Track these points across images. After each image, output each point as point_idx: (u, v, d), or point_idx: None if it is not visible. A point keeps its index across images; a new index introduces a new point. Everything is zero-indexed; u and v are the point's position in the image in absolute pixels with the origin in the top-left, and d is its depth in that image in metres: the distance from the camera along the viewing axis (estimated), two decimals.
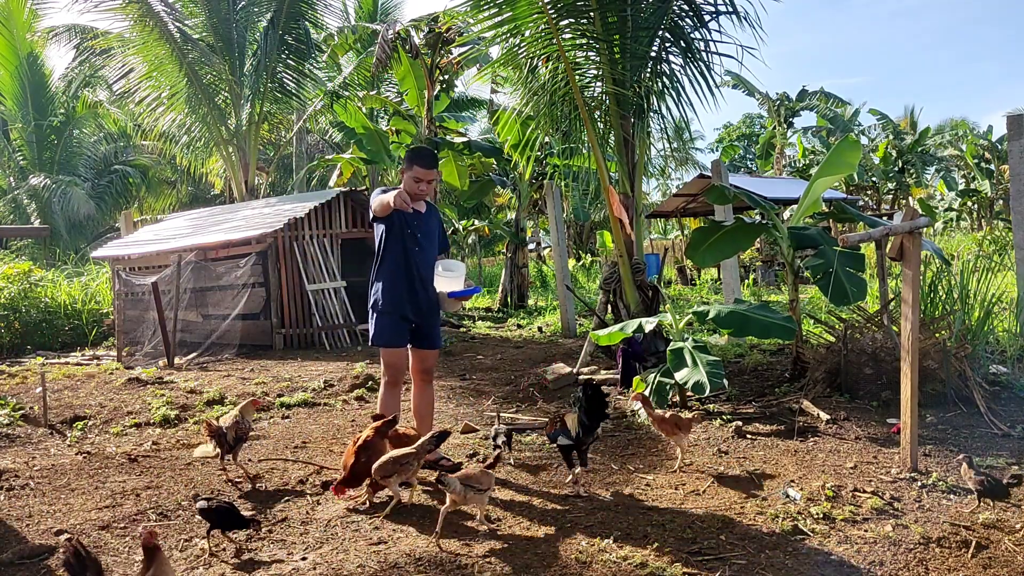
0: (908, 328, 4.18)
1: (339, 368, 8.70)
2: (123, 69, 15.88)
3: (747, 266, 19.00)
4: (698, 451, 5.02)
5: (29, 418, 6.68)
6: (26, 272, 12.76)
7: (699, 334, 9.37)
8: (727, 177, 9.70)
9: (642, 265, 8.07)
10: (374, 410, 6.67)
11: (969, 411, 5.43)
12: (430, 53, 14.49)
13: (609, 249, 20.04)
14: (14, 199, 23.73)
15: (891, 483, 4.20)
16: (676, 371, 5.63)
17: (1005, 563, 3.25)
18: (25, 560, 3.62)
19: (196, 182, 26.77)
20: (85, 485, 4.78)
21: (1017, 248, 7.19)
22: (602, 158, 7.80)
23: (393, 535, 3.78)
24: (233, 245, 11.14)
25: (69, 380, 8.51)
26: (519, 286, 15.92)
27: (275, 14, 15.33)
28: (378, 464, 3.95)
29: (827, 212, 8.68)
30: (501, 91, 16.72)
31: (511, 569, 3.35)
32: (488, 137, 18.71)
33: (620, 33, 7.62)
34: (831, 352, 6.34)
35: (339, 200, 11.66)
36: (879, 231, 4.67)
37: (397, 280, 4.62)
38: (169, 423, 6.39)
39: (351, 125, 15.92)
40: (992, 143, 30.98)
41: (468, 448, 5.31)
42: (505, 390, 7.23)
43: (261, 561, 3.53)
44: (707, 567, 3.29)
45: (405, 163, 4.69)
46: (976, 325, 6.27)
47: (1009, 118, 7.10)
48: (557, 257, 11.82)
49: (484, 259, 26.39)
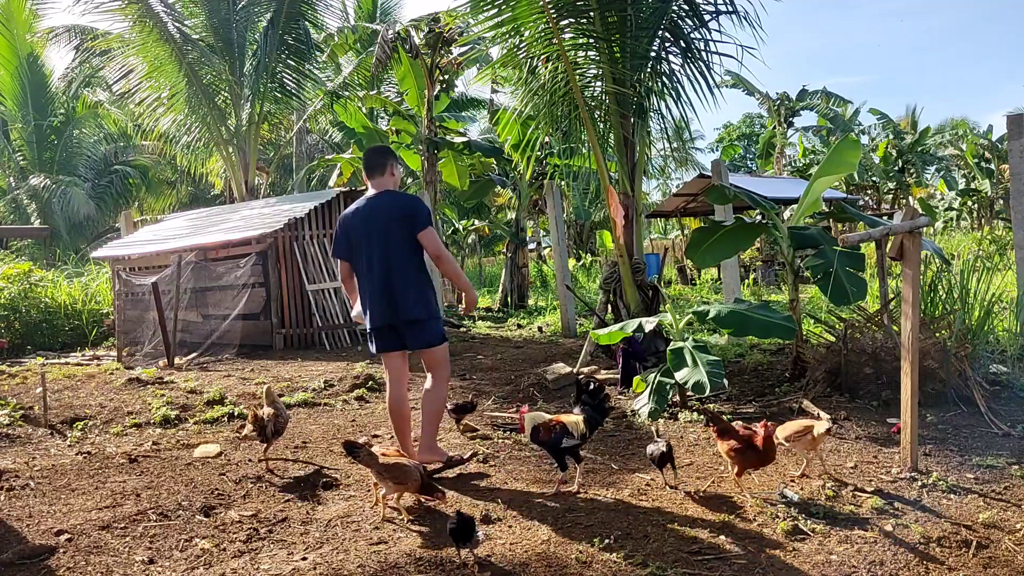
0: (908, 328, 4.17)
1: (339, 368, 8.70)
2: (123, 69, 15.88)
3: (747, 266, 18.99)
4: (698, 451, 5.02)
5: (29, 418, 6.68)
6: (26, 272, 12.76)
7: (699, 334, 9.37)
8: (727, 177, 9.71)
9: (642, 265, 8.07)
10: (374, 410, 6.69)
11: (969, 411, 5.43)
12: (430, 53, 14.50)
13: (609, 249, 20.04)
14: (14, 199, 23.74)
15: (891, 483, 4.20)
16: (676, 371, 5.62)
17: (1005, 563, 3.24)
18: (25, 560, 3.61)
19: (196, 182, 26.76)
20: (85, 485, 4.78)
21: (1017, 247, 7.19)
22: (602, 158, 7.80)
23: (393, 535, 3.78)
24: (233, 245, 11.14)
25: (69, 380, 8.51)
26: (519, 286, 15.92)
27: (275, 14, 15.32)
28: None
29: (827, 212, 8.69)
30: (501, 91, 16.75)
31: (511, 569, 3.35)
32: (488, 137, 18.72)
33: (620, 33, 7.62)
34: (831, 352, 6.34)
35: (339, 200, 11.65)
36: (879, 231, 4.67)
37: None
38: (169, 423, 6.39)
39: (351, 125, 15.95)
40: (992, 143, 30.95)
41: (468, 448, 5.30)
42: (505, 390, 7.23)
43: (261, 561, 3.54)
44: (707, 567, 3.29)
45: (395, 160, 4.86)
46: (976, 325, 6.26)
47: (1009, 118, 7.10)
48: (557, 257, 11.82)
49: (484, 259, 26.39)
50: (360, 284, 4.73)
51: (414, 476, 3.87)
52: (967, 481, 4.19)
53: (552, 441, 4.29)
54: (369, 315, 4.70)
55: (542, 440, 4.32)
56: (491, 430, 5.77)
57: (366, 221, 4.63)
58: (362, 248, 4.64)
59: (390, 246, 4.58)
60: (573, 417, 4.34)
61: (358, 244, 4.66)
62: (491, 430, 5.77)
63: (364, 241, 4.63)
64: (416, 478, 3.87)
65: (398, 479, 3.87)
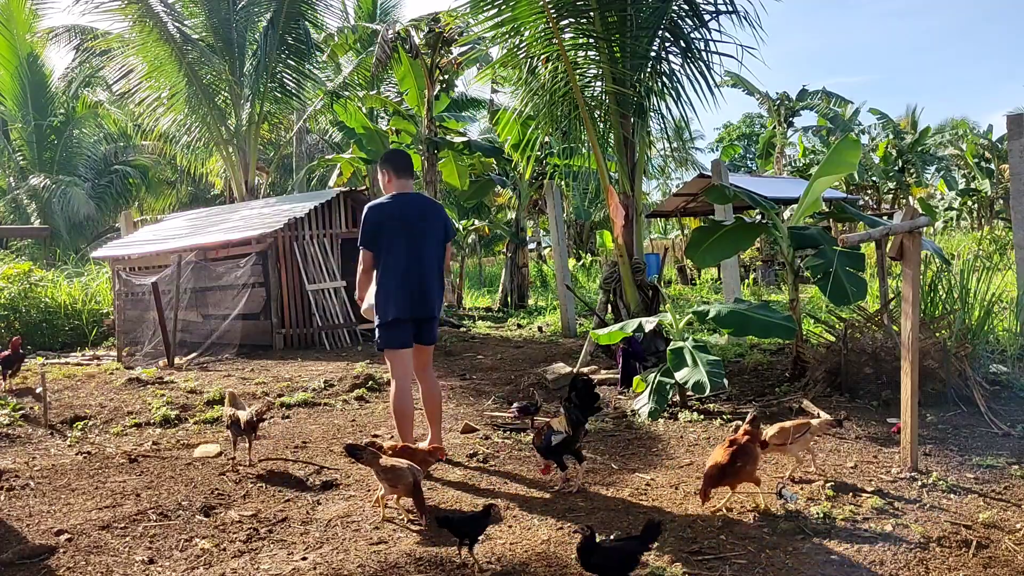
0: (908, 327, 4.17)
1: (339, 368, 8.70)
2: (123, 69, 15.89)
3: (747, 265, 18.99)
4: (698, 451, 5.02)
5: (29, 418, 6.68)
6: (26, 272, 12.75)
7: (699, 334, 9.37)
8: (727, 177, 9.71)
9: (642, 265, 8.07)
10: (374, 410, 6.70)
11: (969, 410, 5.43)
12: (430, 53, 14.50)
13: (609, 249, 20.04)
14: (14, 199, 23.73)
15: (891, 482, 4.20)
16: (676, 371, 5.63)
17: (1005, 563, 3.24)
18: (25, 560, 3.61)
19: (196, 182, 26.77)
20: (85, 485, 4.78)
21: (1017, 247, 7.19)
22: (602, 158, 7.81)
23: (393, 535, 3.79)
24: (233, 245, 11.14)
25: (69, 380, 8.51)
26: (519, 286, 15.91)
27: (275, 14, 15.32)
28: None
29: (827, 212, 8.68)
30: (501, 91, 16.74)
31: (511, 569, 3.35)
32: (488, 137, 18.72)
33: (620, 33, 7.63)
34: (831, 352, 6.34)
35: (339, 200, 11.66)
36: (879, 231, 4.67)
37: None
38: (169, 423, 6.39)
39: (351, 125, 15.93)
40: (992, 142, 30.95)
41: (468, 448, 5.31)
42: (505, 390, 7.23)
43: (261, 561, 3.54)
44: (707, 567, 3.29)
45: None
46: (976, 324, 6.26)
47: (1009, 118, 7.11)
48: (557, 257, 11.82)
49: (484, 259, 26.39)
50: (386, 276, 4.74)
51: (406, 479, 3.85)
52: (967, 481, 4.19)
53: (543, 444, 4.32)
54: (394, 307, 4.71)
55: (539, 446, 4.38)
56: (491, 430, 5.77)
57: (403, 217, 4.74)
58: (398, 242, 4.71)
59: (427, 244, 4.78)
60: (558, 418, 4.40)
61: (392, 237, 4.71)
62: (491, 430, 5.77)
63: (402, 236, 4.71)
64: (408, 482, 3.84)
65: (391, 481, 3.87)
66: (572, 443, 4.30)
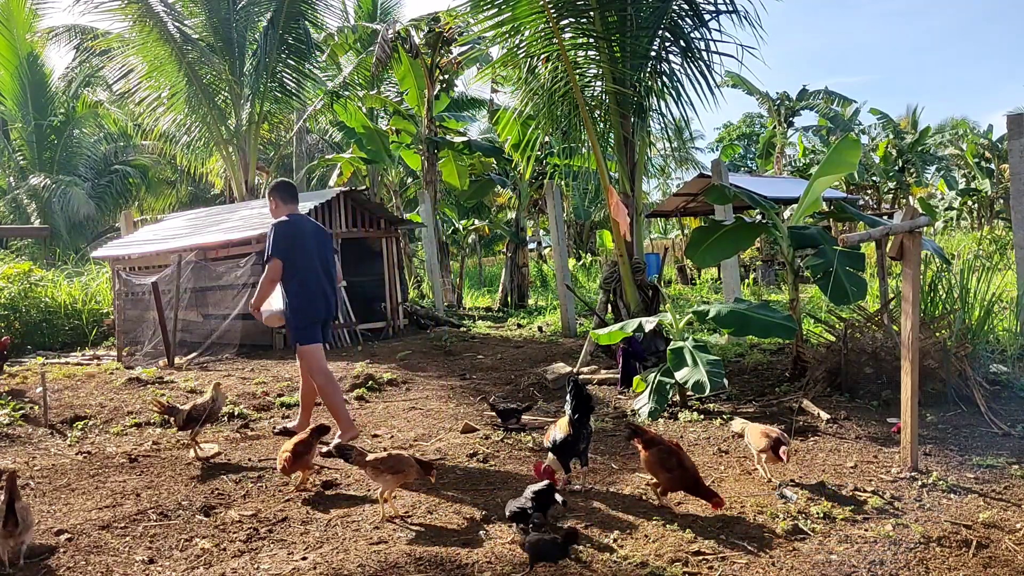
0: (908, 327, 4.17)
1: (339, 368, 8.69)
2: (123, 69, 15.86)
3: (747, 265, 18.99)
4: (698, 451, 5.02)
5: (29, 418, 6.68)
6: (26, 272, 12.75)
7: (699, 333, 9.37)
8: (727, 176, 9.70)
9: (642, 265, 8.07)
10: (374, 410, 6.70)
11: (969, 410, 5.43)
12: (430, 53, 14.50)
13: (609, 249, 20.04)
14: (14, 199, 23.72)
15: (891, 482, 4.20)
16: (676, 370, 5.63)
17: (1005, 563, 3.24)
18: (25, 560, 3.61)
19: (196, 182, 26.74)
20: (85, 485, 4.78)
21: (1017, 247, 7.19)
22: (602, 158, 7.80)
23: (393, 535, 3.78)
24: (233, 245, 11.13)
25: (69, 380, 8.50)
26: (519, 286, 15.92)
27: (275, 14, 15.31)
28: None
29: (827, 211, 8.69)
30: (501, 91, 16.74)
31: (511, 569, 3.35)
32: (488, 137, 18.71)
33: (620, 32, 7.63)
34: (831, 351, 6.34)
35: (339, 200, 11.65)
36: (879, 230, 4.67)
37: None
38: (169, 423, 6.38)
39: (351, 125, 15.93)
40: (992, 142, 30.94)
41: (468, 448, 5.31)
42: (505, 390, 7.23)
43: (261, 561, 3.53)
44: (707, 567, 3.29)
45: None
46: (976, 324, 6.27)
47: (1009, 117, 7.10)
48: (557, 257, 11.82)
49: (484, 259, 26.39)
50: (306, 282, 5.43)
51: (411, 463, 3.97)
52: (967, 481, 4.19)
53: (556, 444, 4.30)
54: (320, 308, 5.50)
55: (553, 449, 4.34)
56: (491, 430, 5.77)
57: (315, 234, 5.60)
58: (312, 254, 5.48)
59: (330, 257, 5.67)
60: (564, 420, 4.39)
61: (307, 251, 5.45)
62: (491, 430, 5.77)
63: (315, 249, 5.50)
64: (413, 463, 3.97)
65: (396, 469, 3.91)
66: (574, 444, 4.28)
